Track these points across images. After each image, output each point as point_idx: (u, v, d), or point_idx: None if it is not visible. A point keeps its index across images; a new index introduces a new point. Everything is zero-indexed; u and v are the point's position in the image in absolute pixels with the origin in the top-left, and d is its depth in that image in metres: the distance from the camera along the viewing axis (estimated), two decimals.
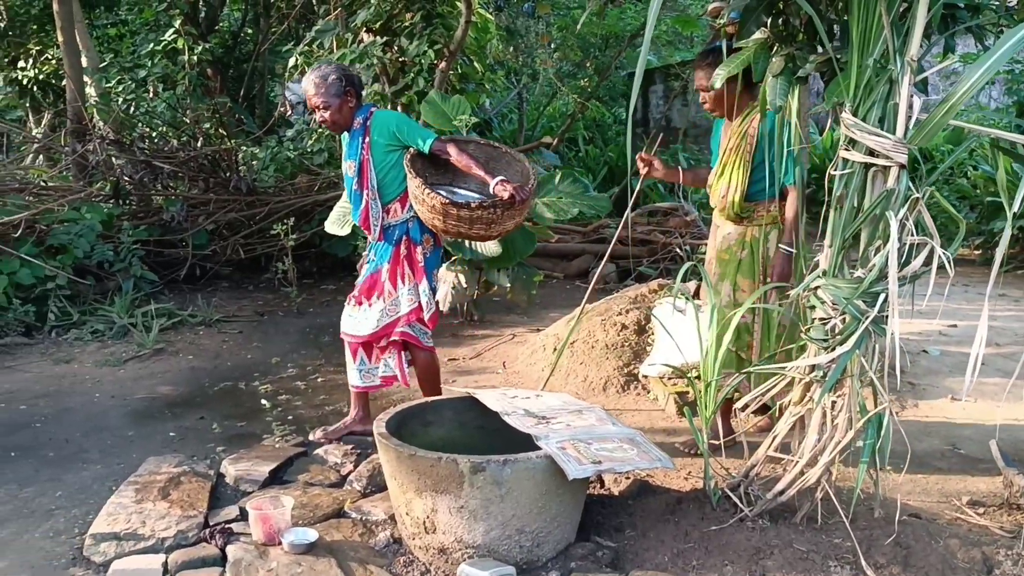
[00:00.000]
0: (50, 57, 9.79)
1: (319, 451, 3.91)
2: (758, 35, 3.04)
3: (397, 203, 3.88)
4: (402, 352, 4.01)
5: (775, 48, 3.03)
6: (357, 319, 3.97)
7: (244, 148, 8.87)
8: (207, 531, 3.13)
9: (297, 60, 8.48)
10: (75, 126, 7.43)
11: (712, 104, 3.73)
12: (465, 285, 5.91)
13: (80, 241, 6.04)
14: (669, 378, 4.63)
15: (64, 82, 8.91)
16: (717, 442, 3.60)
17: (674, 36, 14.06)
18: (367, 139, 3.82)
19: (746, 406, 3.15)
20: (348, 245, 7.71)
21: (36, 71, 9.53)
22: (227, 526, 3.16)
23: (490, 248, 5.63)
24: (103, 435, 4.27)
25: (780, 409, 3.18)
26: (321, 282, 7.91)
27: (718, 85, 3.32)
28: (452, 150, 3.79)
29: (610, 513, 3.26)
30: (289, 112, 9.84)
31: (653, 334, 4.97)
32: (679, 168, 4.06)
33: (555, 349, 5.13)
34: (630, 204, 4.21)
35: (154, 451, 4.04)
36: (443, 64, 7.34)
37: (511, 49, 10.29)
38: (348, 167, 3.90)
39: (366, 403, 4.14)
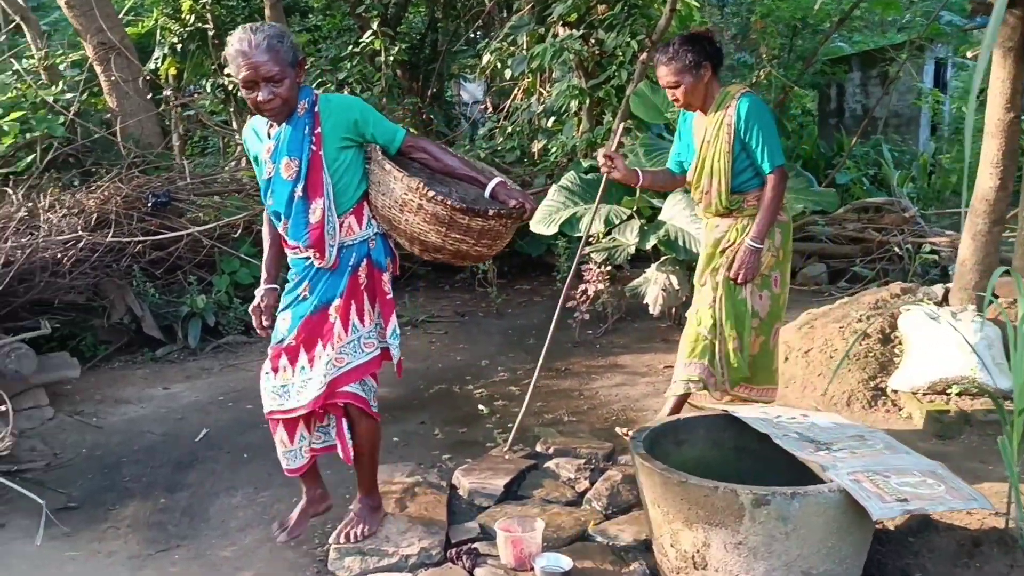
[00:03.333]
0: None
1: (550, 464, 3.71)
2: None
3: (352, 217, 2.87)
4: (344, 417, 3.03)
5: None
6: (291, 388, 2.92)
7: None
8: (452, 551, 2.98)
9: (490, 58, 8.39)
10: None
11: (685, 98, 3.54)
12: (677, 287, 5.58)
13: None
14: (924, 394, 4.15)
15: None
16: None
17: (872, 20, 13.16)
18: (317, 129, 2.80)
19: None
20: (541, 244, 7.54)
21: None
22: (472, 546, 2.99)
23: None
24: None
25: None
26: (515, 282, 7.77)
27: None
28: (432, 148, 2.93)
29: (890, 552, 2.87)
30: (477, 111, 9.79)
31: (901, 344, 4.48)
32: (638, 171, 3.79)
33: (786, 358, 4.73)
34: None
35: (381, 457, 3.95)
36: (644, 55, 7.04)
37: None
38: (285, 168, 2.79)
39: (317, 476, 3.27)
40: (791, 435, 2.84)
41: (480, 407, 4.59)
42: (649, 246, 5.52)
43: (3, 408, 3.06)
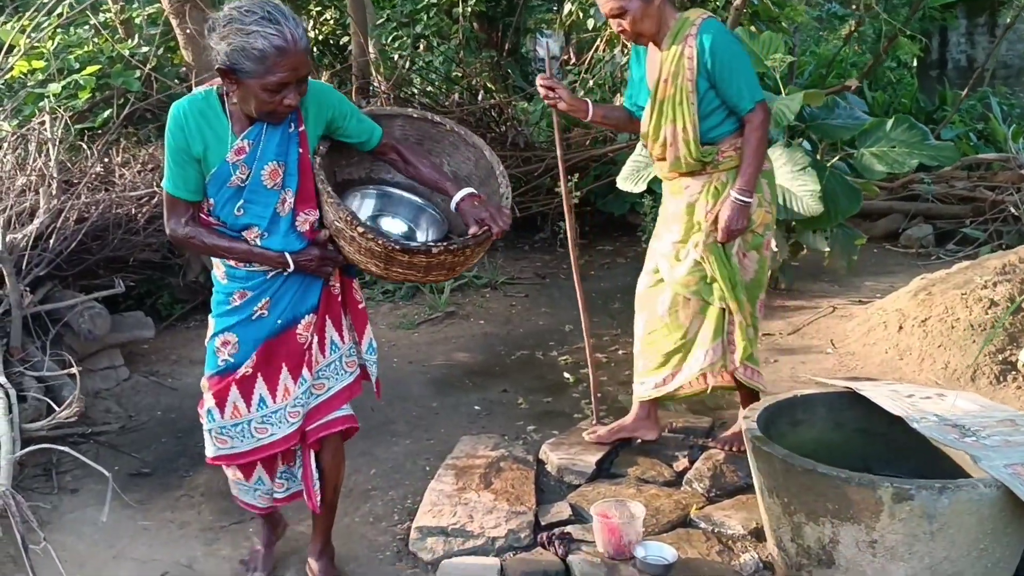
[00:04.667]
0: (328, 18, 9.96)
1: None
2: None
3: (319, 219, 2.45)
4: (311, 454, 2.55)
5: None
6: (246, 428, 2.44)
7: (514, 103, 8.56)
8: (543, 536, 2.73)
9: (571, 7, 8.00)
10: (361, 82, 7.39)
11: (633, 28, 2.95)
12: (776, 248, 5.19)
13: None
14: None
15: (343, 40, 8.99)
16: None
17: None
18: (302, 127, 2.31)
19: None
20: (624, 203, 7.19)
21: (316, 31, 9.73)
22: (565, 531, 2.74)
23: (811, 206, 4.88)
24: (407, 405, 4.03)
25: None
26: (596, 242, 7.44)
27: None
28: (404, 150, 2.47)
29: None
30: (557, 64, 9.42)
31: None
32: (587, 103, 3.20)
33: (900, 327, 4.34)
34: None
35: (461, 426, 3.74)
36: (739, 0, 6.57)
37: None
38: (269, 175, 2.29)
39: (276, 522, 2.82)
40: (930, 418, 2.50)
41: (565, 375, 4.33)
42: None
43: (75, 370, 2.94)
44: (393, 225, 2.54)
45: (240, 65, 2.12)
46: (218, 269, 2.42)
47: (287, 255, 2.30)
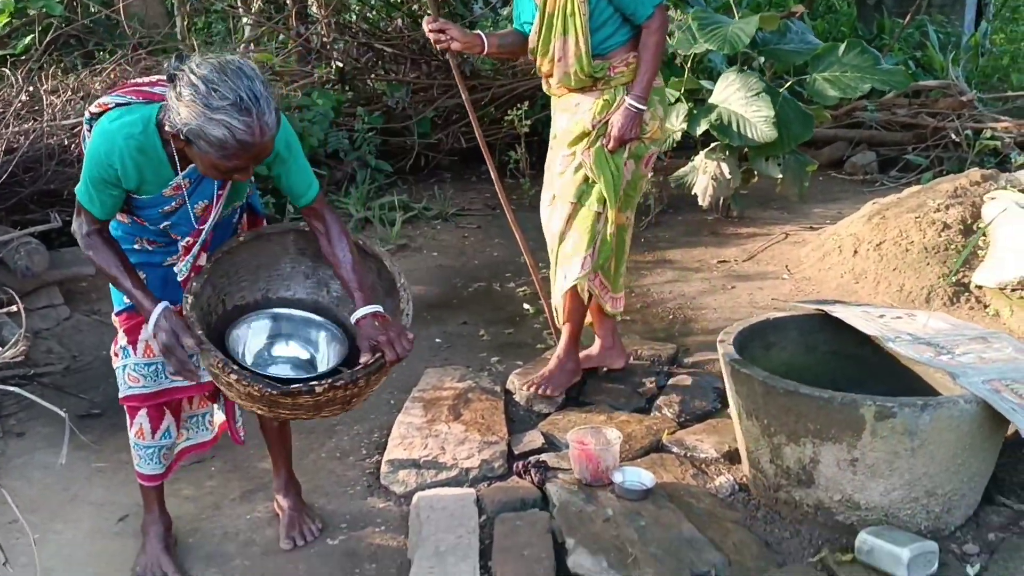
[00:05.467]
0: None
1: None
2: None
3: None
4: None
5: None
6: (160, 368, 2.34)
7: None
8: (519, 464, 2.70)
9: None
10: (299, 5, 7.08)
11: None
12: (728, 175, 5.18)
13: (314, 128, 5.71)
14: (1013, 289, 3.80)
15: None
16: None
17: None
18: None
19: None
20: None
21: None
22: (540, 459, 2.71)
23: (764, 132, 4.85)
24: None
25: None
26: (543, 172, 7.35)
27: None
28: (332, 227, 2.23)
29: (1009, 467, 2.58)
30: None
31: (985, 235, 4.11)
32: (482, 35, 3.07)
33: (855, 251, 4.37)
34: None
35: (424, 359, 3.67)
36: None
37: None
38: (200, 209, 2.18)
39: (160, 498, 2.52)
40: (903, 337, 2.51)
41: (525, 306, 4.27)
42: (699, 132, 5.08)
43: (15, 308, 2.76)
44: (289, 351, 2.33)
45: (196, 142, 1.90)
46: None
47: (156, 313, 2.06)
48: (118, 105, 2.07)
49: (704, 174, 5.22)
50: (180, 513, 2.66)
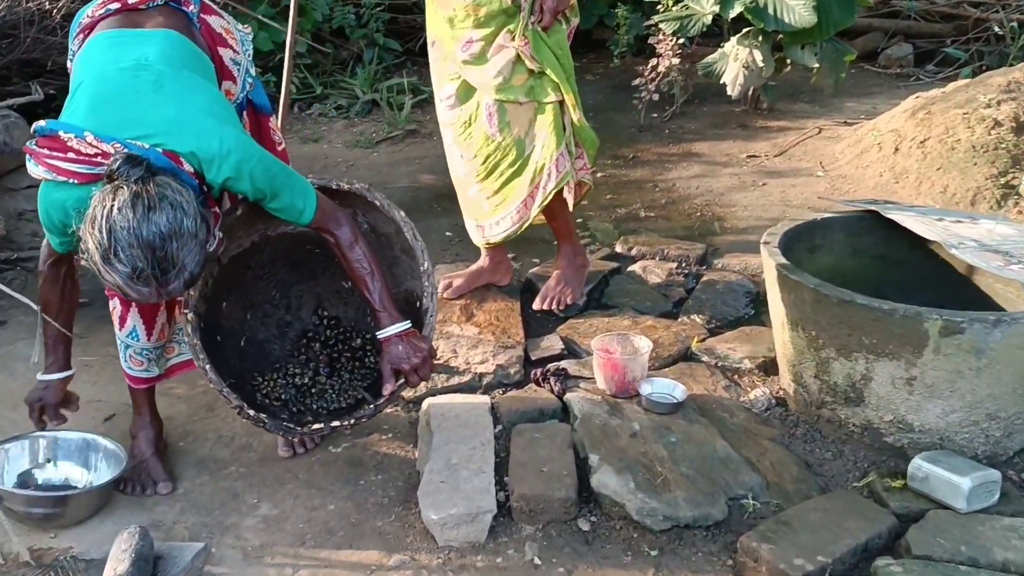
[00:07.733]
0: None
1: (635, 268, 3.18)
2: None
3: None
4: None
5: None
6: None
7: None
8: (537, 372, 2.49)
9: None
10: None
11: None
12: (761, 63, 4.83)
13: (318, 2, 5.33)
14: None
15: None
16: None
17: None
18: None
19: None
20: (591, 16, 6.65)
21: None
22: (560, 366, 2.51)
23: (803, 16, 4.49)
24: None
25: None
26: None
27: None
28: (343, 234, 2.06)
29: None
30: None
31: None
32: None
33: (896, 148, 4.08)
34: None
35: (434, 254, 3.38)
36: None
37: None
38: None
39: (150, 400, 2.35)
40: (968, 244, 2.26)
41: None
42: (732, 14, 4.71)
43: None
44: (63, 471, 2.25)
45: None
46: None
47: (48, 379, 2.17)
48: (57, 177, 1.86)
49: (735, 61, 4.86)
50: (171, 414, 2.48)
